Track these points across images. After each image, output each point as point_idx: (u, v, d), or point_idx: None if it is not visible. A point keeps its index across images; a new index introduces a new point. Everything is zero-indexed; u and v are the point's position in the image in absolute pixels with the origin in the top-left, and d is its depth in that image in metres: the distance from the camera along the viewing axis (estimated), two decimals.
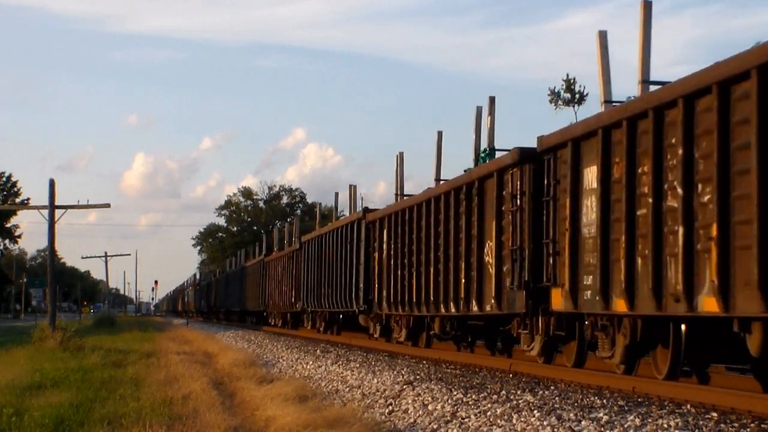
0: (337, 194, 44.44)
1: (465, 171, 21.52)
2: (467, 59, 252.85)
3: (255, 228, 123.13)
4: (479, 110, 22.77)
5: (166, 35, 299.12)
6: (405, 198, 27.39)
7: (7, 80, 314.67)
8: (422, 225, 22.82)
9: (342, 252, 32.06)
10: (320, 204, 50.74)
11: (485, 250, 18.81)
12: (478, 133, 22.75)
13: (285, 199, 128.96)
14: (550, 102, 44.42)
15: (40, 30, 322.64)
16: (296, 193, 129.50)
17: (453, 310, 20.50)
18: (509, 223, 17.60)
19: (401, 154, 30.25)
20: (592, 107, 34.79)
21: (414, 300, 23.28)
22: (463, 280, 19.73)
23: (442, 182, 24.10)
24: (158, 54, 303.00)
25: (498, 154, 20.67)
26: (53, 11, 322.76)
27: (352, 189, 36.47)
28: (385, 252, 26.51)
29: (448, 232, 20.86)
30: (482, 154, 21.85)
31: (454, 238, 20.48)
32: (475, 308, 19.22)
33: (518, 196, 17.22)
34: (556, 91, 45.07)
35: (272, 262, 50.40)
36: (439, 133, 26.25)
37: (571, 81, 42.35)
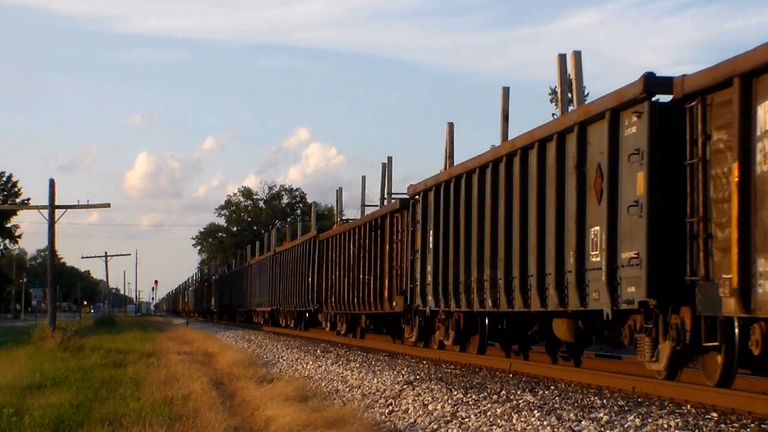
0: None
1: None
2: (469, 59, 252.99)
3: (255, 228, 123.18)
4: None
5: (170, 35, 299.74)
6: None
7: (10, 80, 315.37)
8: None
9: (537, 195, 16.77)
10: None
11: None
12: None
13: (285, 199, 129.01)
14: (551, 101, 44.54)
15: (43, 30, 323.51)
16: (296, 192, 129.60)
17: None
18: None
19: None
20: None
21: None
22: None
23: None
24: (161, 54, 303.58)
25: None
26: (56, 11, 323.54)
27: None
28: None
29: None
30: None
31: None
32: None
33: None
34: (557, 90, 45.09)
35: (335, 239, 34.86)
36: None
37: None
